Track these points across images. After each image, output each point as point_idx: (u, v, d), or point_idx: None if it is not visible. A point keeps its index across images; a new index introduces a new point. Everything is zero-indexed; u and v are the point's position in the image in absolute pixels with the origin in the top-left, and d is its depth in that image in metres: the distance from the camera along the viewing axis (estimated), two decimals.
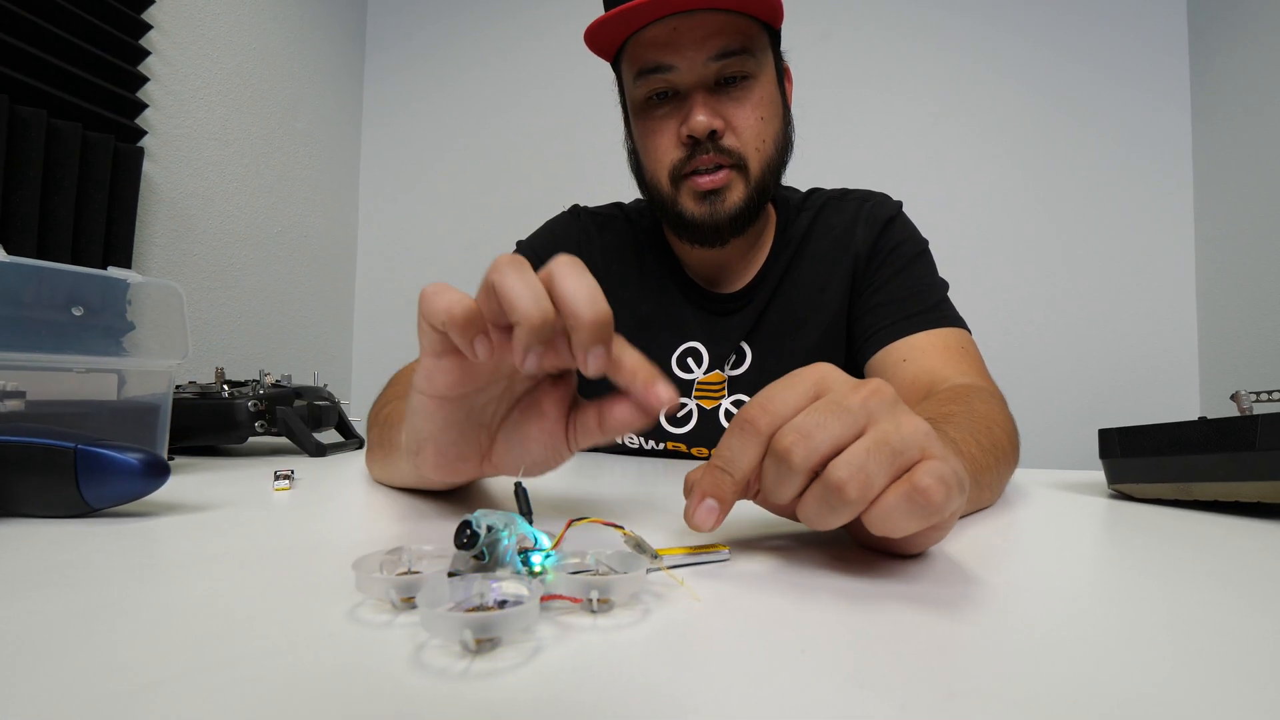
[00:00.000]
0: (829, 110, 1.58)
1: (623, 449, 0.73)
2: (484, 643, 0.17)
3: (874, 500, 0.22)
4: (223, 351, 1.45)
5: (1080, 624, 0.20)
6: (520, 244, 0.76)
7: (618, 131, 0.71)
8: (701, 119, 0.58)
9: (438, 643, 0.17)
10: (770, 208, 0.72)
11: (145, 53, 1.24)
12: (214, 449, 0.66)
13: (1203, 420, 0.37)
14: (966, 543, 0.30)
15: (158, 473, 0.33)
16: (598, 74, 0.94)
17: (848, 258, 0.68)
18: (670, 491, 0.44)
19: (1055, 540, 0.32)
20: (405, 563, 0.22)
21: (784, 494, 0.23)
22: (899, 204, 0.71)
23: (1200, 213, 1.46)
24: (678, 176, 0.62)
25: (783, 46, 0.65)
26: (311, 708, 0.14)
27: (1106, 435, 0.43)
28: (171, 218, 1.34)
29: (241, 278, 1.50)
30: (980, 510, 0.37)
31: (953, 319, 0.62)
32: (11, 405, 0.41)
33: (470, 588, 0.19)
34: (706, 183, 0.60)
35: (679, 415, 0.70)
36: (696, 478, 0.25)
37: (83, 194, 1.11)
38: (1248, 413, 0.39)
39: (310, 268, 1.72)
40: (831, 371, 0.25)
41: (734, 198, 0.61)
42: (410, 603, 0.20)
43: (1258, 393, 0.41)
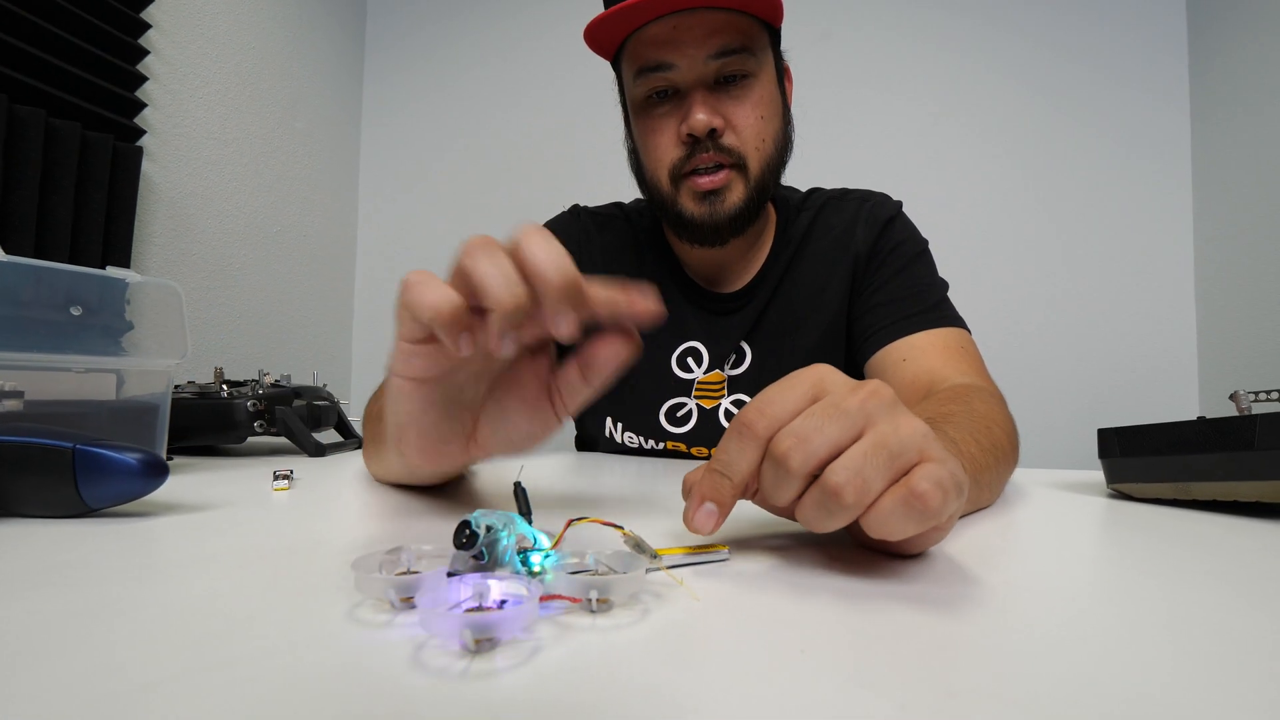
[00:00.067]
0: (829, 110, 1.58)
1: (623, 449, 0.73)
2: (483, 643, 0.17)
3: (871, 504, 0.22)
4: (222, 351, 1.45)
5: (1079, 623, 0.20)
6: None
7: (618, 131, 0.71)
8: (701, 117, 0.58)
9: (437, 643, 0.17)
10: (770, 207, 0.72)
11: (144, 52, 1.24)
12: (213, 449, 0.66)
13: (1201, 420, 0.37)
14: (966, 542, 0.30)
15: (156, 473, 0.33)
16: (597, 74, 0.94)
17: (848, 257, 0.68)
18: (670, 491, 0.43)
19: (1054, 540, 0.32)
20: (404, 563, 0.22)
21: (782, 497, 0.23)
22: (899, 204, 0.71)
23: (1199, 213, 1.47)
24: (678, 175, 0.62)
25: (783, 46, 0.65)
26: (311, 708, 0.14)
27: (1105, 435, 0.43)
28: (170, 217, 1.34)
29: (241, 277, 1.50)
30: (980, 510, 0.37)
31: (952, 319, 0.62)
32: (10, 405, 0.41)
33: (470, 588, 0.19)
34: (706, 183, 0.60)
35: (679, 415, 0.70)
36: (695, 479, 0.25)
37: (81, 193, 1.11)
38: (1246, 412, 0.39)
39: (310, 267, 1.72)
40: (830, 373, 0.25)
41: (734, 197, 0.61)
42: (410, 603, 0.19)
43: (1256, 392, 0.41)
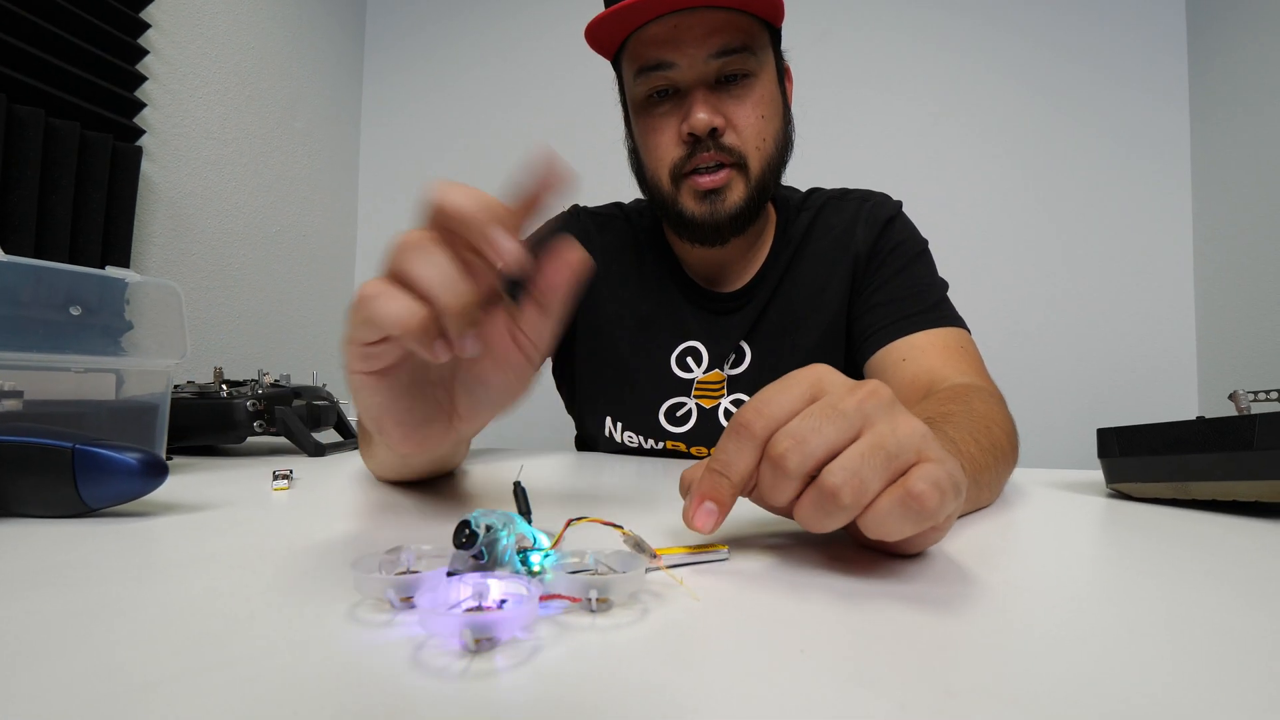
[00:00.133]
0: (829, 110, 1.58)
1: (622, 449, 0.73)
2: (483, 642, 0.17)
3: (868, 505, 0.22)
4: (221, 351, 1.45)
5: (1078, 622, 0.20)
6: None
7: (618, 131, 0.71)
8: (702, 116, 0.58)
9: (437, 643, 0.17)
10: (770, 207, 0.72)
11: (144, 52, 1.23)
12: (212, 449, 0.66)
13: (1201, 420, 0.37)
14: (965, 542, 0.30)
15: (156, 472, 0.33)
16: (597, 74, 0.94)
17: (847, 257, 0.68)
18: (669, 491, 0.43)
19: (1054, 539, 0.32)
20: (404, 562, 0.22)
21: (780, 498, 0.23)
22: (899, 204, 0.71)
23: (1199, 213, 1.47)
24: (678, 175, 0.62)
25: (783, 46, 0.65)
26: (311, 707, 0.14)
27: (1105, 435, 0.43)
28: (170, 217, 1.34)
29: (240, 277, 1.50)
30: (979, 510, 0.37)
31: (952, 319, 0.62)
32: (9, 405, 0.41)
33: (470, 588, 0.19)
34: (707, 182, 0.60)
35: (679, 414, 0.70)
36: (694, 477, 0.25)
37: (81, 193, 1.11)
38: (1245, 412, 0.39)
39: (309, 267, 1.72)
40: (828, 373, 0.25)
41: (734, 197, 0.61)
42: (409, 602, 0.20)
43: (1255, 392, 0.41)
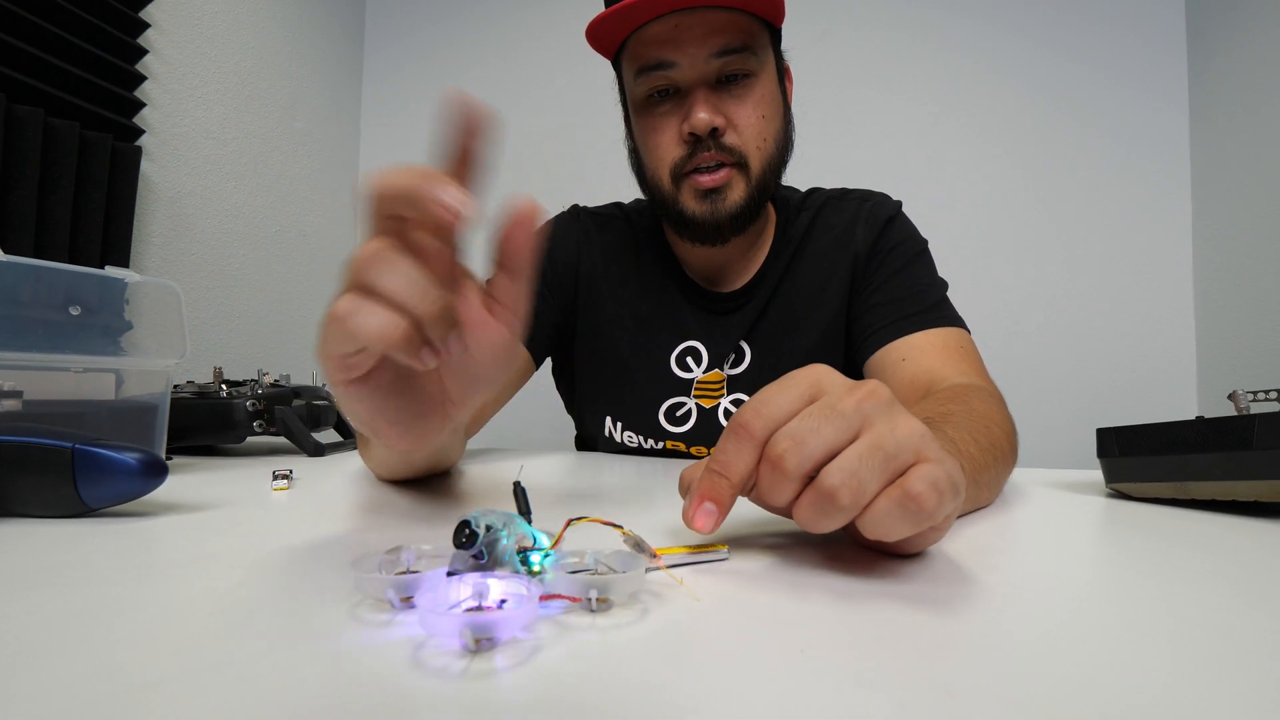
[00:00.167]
0: (829, 110, 1.58)
1: (622, 448, 0.73)
2: (483, 642, 0.17)
3: (867, 506, 0.22)
4: (221, 351, 1.44)
5: (1078, 622, 0.20)
6: None
7: (618, 131, 0.71)
8: (703, 116, 0.58)
9: (437, 643, 0.17)
10: (770, 207, 0.72)
11: (143, 51, 1.23)
12: (212, 449, 0.66)
13: (1200, 419, 0.37)
14: (964, 542, 0.30)
15: (156, 472, 0.33)
16: (597, 74, 0.94)
17: (847, 257, 0.68)
18: (669, 491, 0.44)
19: (1053, 539, 0.32)
20: (404, 562, 0.22)
21: (779, 499, 0.23)
22: (899, 204, 0.71)
23: (1198, 212, 1.47)
24: (679, 174, 0.62)
25: (783, 46, 0.65)
26: (311, 707, 0.14)
27: (1104, 434, 0.43)
28: (169, 217, 1.34)
29: (240, 277, 1.50)
30: (979, 509, 0.37)
31: (952, 318, 0.62)
32: (9, 405, 0.41)
33: (469, 587, 0.19)
34: (708, 181, 0.60)
35: (678, 414, 0.70)
36: (693, 476, 0.25)
37: (80, 193, 1.11)
38: (1245, 412, 0.39)
39: (309, 267, 1.72)
40: (827, 373, 0.25)
41: (735, 196, 0.61)
42: (409, 602, 0.20)
43: (1255, 392, 0.41)
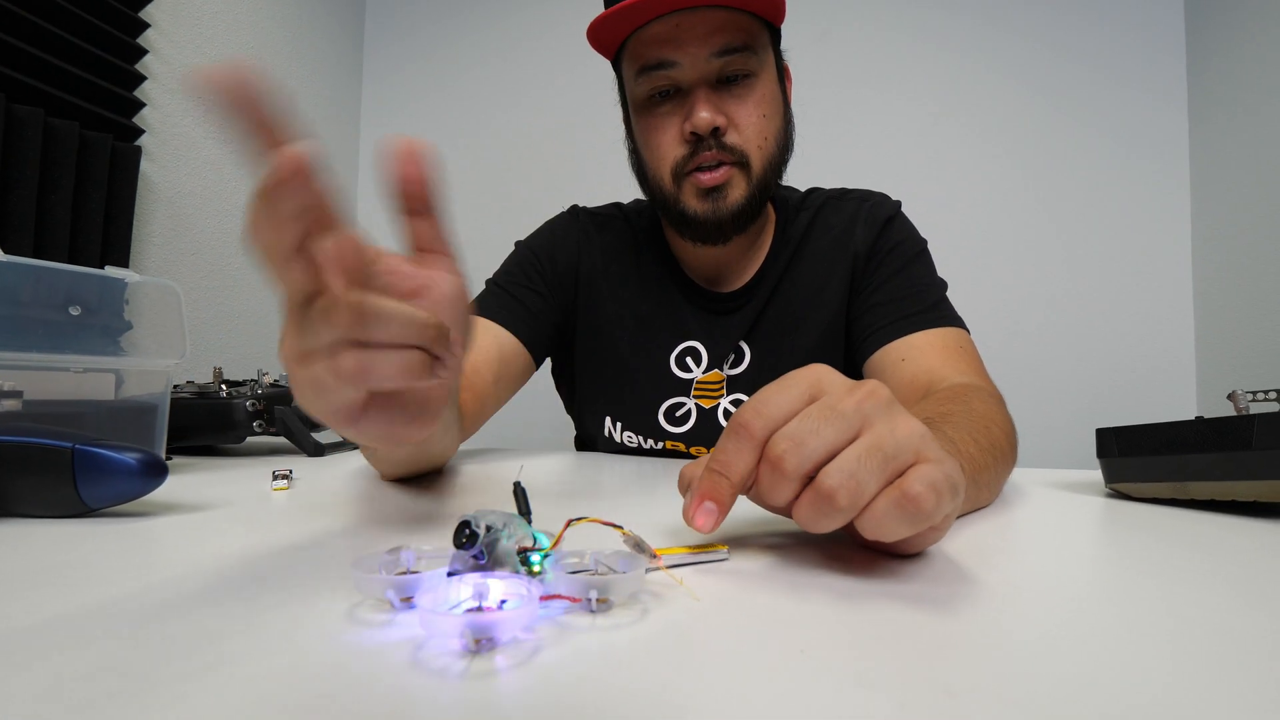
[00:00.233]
0: (829, 110, 1.58)
1: (622, 448, 0.73)
2: (483, 642, 0.17)
3: (866, 506, 0.22)
4: (221, 351, 1.44)
5: (1077, 622, 0.20)
6: (519, 244, 0.76)
7: (618, 131, 0.71)
8: (705, 115, 0.58)
9: (437, 642, 0.17)
10: (770, 207, 0.72)
11: (143, 51, 1.23)
12: (212, 449, 0.66)
13: (1199, 420, 0.37)
14: (964, 542, 0.30)
15: (155, 472, 0.33)
16: (597, 74, 0.94)
17: (847, 257, 0.68)
18: (669, 491, 0.44)
19: (1053, 539, 0.32)
20: (404, 562, 0.22)
21: (779, 499, 0.23)
22: (898, 204, 0.71)
23: (1198, 213, 1.47)
24: (680, 173, 0.62)
25: (783, 46, 0.65)
26: (311, 707, 0.14)
27: (1104, 435, 0.43)
28: (169, 217, 1.34)
29: (240, 277, 1.50)
30: (978, 509, 0.37)
31: (951, 318, 0.62)
32: (9, 405, 0.41)
33: (469, 588, 0.19)
34: (709, 179, 0.60)
35: (678, 414, 0.70)
36: (693, 475, 0.25)
37: (80, 193, 1.11)
38: (1244, 412, 0.39)
39: None
40: (827, 373, 0.25)
41: (736, 195, 0.61)
42: (409, 602, 0.20)
43: (1254, 392, 0.41)
